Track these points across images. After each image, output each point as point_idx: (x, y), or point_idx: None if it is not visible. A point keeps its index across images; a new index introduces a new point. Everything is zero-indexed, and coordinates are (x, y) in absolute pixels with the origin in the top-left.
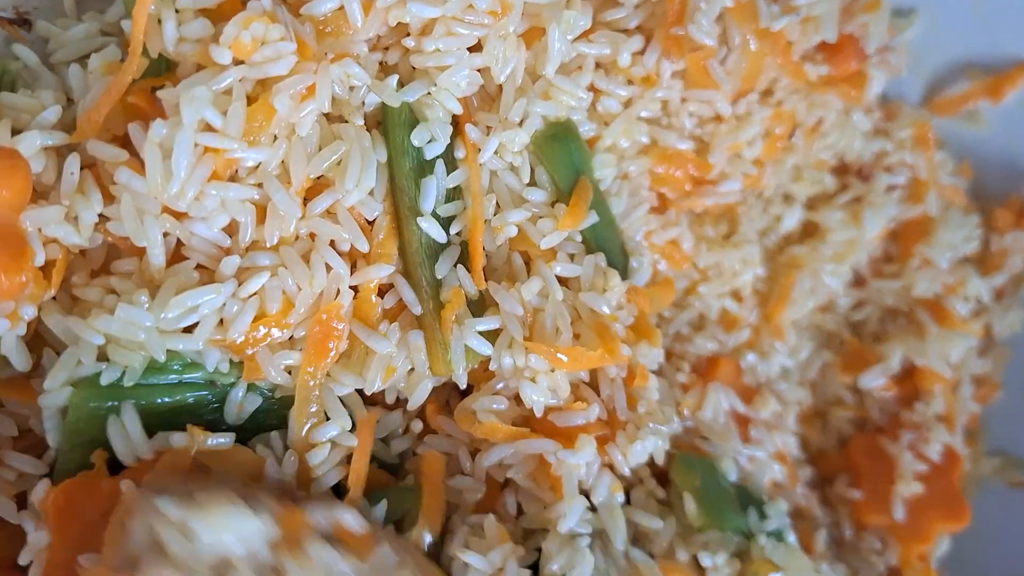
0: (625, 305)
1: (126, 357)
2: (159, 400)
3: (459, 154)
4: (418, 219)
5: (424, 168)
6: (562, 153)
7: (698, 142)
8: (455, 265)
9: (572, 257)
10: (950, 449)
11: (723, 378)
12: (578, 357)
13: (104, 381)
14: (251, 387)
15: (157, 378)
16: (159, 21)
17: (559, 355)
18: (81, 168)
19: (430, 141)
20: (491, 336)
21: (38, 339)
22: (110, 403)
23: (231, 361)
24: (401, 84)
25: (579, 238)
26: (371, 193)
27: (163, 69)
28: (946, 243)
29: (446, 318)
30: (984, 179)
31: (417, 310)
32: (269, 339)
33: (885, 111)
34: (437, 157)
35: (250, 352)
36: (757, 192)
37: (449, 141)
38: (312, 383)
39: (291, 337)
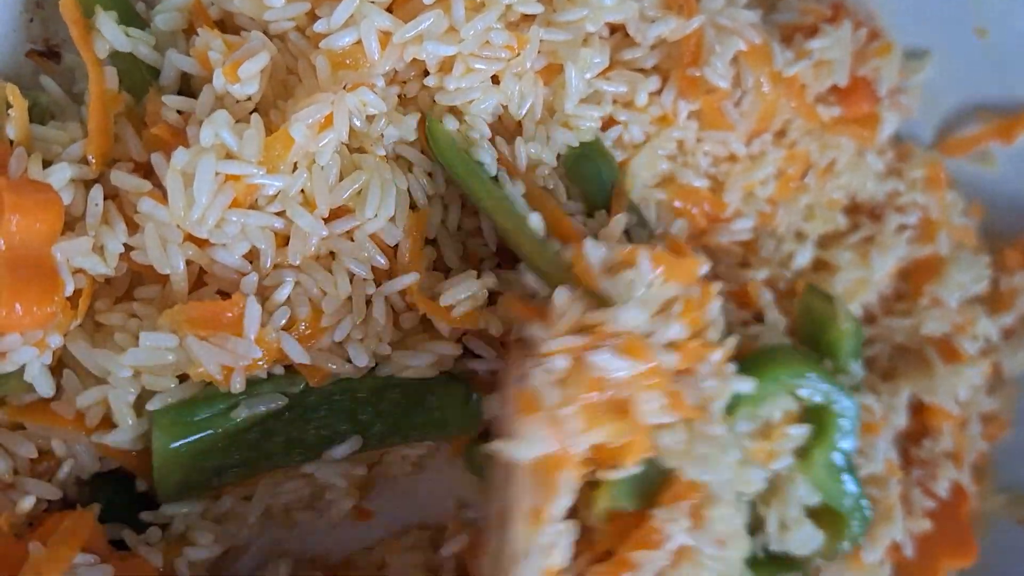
0: None
1: (159, 382)
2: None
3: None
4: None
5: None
6: (591, 171)
7: (713, 180)
8: None
9: None
10: (958, 486)
11: None
12: None
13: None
14: None
15: (225, 402)
16: None
17: None
18: (105, 198)
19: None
20: None
21: (59, 363)
22: (195, 436)
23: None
24: (422, 118)
25: None
26: (393, 220)
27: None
28: (956, 283)
29: None
30: (995, 218)
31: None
32: (316, 342)
33: (898, 152)
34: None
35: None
36: (770, 230)
37: None
38: None
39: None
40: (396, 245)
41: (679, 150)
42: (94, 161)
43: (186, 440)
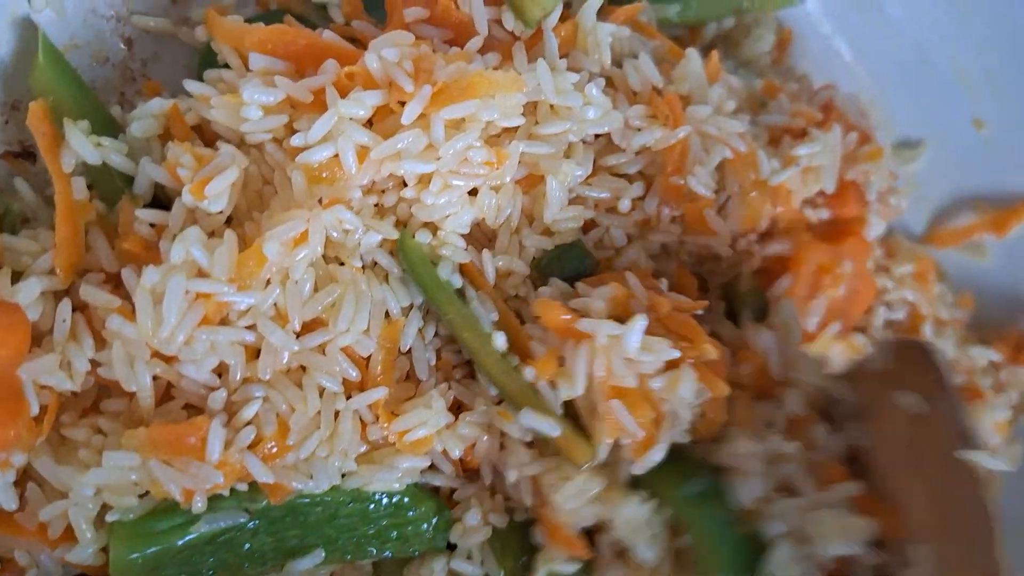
0: None
1: (122, 500)
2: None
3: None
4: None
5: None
6: (572, 263)
7: (697, 278)
8: None
9: None
10: None
11: None
12: None
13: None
14: None
15: (185, 516)
16: None
17: None
18: (74, 309)
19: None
20: None
21: (23, 475)
22: (153, 548)
23: (250, 485)
24: (399, 224)
25: None
26: (366, 331)
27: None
28: None
29: None
30: (985, 310)
31: None
32: (281, 460)
33: (886, 247)
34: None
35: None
36: None
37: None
38: None
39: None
40: (369, 356)
41: (662, 250)
42: (61, 273)
43: (144, 552)
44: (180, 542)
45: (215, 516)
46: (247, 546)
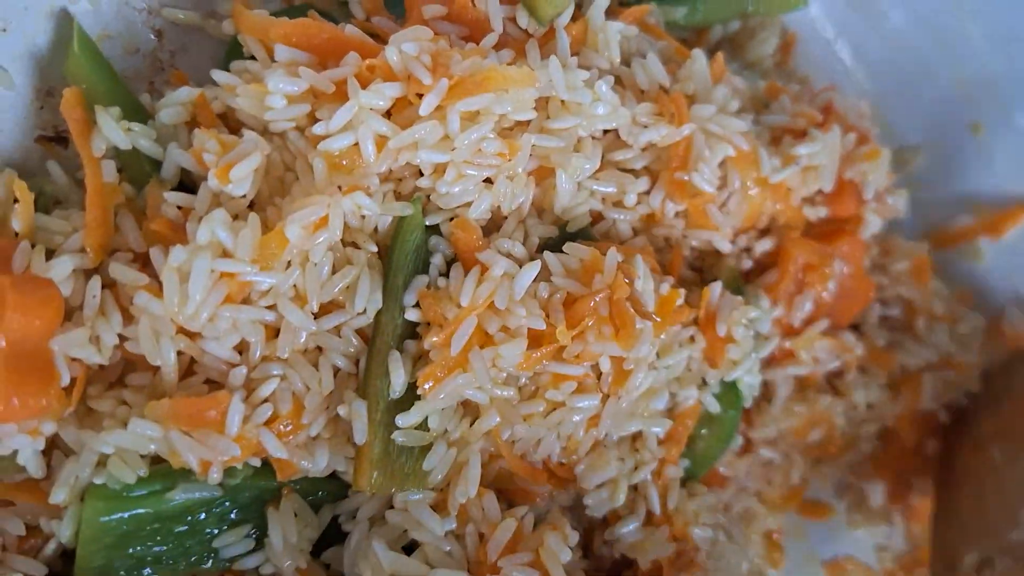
0: None
1: (122, 473)
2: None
3: None
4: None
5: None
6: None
7: (698, 273)
8: None
9: None
10: None
11: None
12: None
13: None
14: None
15: (163, 483)
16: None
17: None
18: (103, 287)
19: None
20: None
21: (50, 445)
22: (128, 512)
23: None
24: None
25: None
26: None
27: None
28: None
29: None
30: (979, 310)
31: None
32: (295, 437)
33: (883, 246)
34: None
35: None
36: None
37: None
38: None
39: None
40: None
41: (665, 243)
42: (92, 252)
43: (117, 515)
44: (153, 510)
45: (192, 486)
46: (207, 538)
